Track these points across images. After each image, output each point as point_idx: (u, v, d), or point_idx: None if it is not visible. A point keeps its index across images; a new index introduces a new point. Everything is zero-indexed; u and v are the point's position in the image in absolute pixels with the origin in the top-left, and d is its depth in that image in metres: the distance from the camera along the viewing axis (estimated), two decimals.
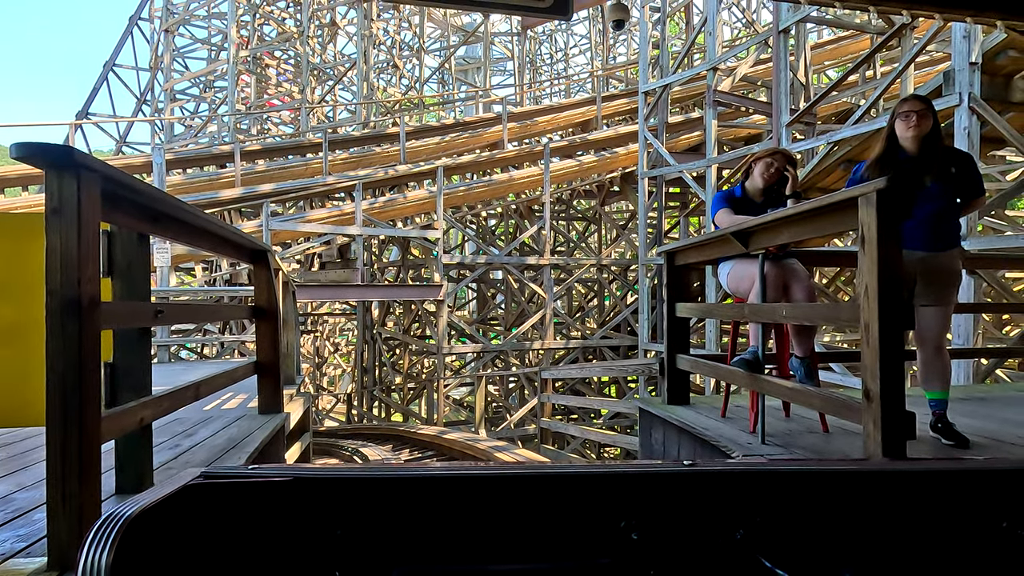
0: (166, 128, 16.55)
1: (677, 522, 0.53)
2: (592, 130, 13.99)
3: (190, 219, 2.18)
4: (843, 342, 11.00)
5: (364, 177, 10.76)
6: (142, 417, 1.83)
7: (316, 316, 15.52)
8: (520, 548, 0.52)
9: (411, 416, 12.33)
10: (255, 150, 12.73)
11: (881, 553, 0.52)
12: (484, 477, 0.52)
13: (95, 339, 1.44)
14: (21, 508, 1.93)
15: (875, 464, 0.54)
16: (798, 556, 0.52)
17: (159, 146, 11.00)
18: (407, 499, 0.52)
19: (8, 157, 9.27)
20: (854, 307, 1.84)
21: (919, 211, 2.13)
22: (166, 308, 2.01)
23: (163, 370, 6.46)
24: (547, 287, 10.62)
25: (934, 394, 2.45)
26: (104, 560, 0.39)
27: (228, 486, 0.50)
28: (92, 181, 1.40)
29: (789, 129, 7.15)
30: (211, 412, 3.66)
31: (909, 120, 2.30)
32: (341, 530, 0.51)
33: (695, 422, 3.03)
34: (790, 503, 0.53)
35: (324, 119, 17.95)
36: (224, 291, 8.99)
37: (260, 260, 3.33)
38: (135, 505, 0.43)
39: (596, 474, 0.53)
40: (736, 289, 2.89)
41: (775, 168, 2.77)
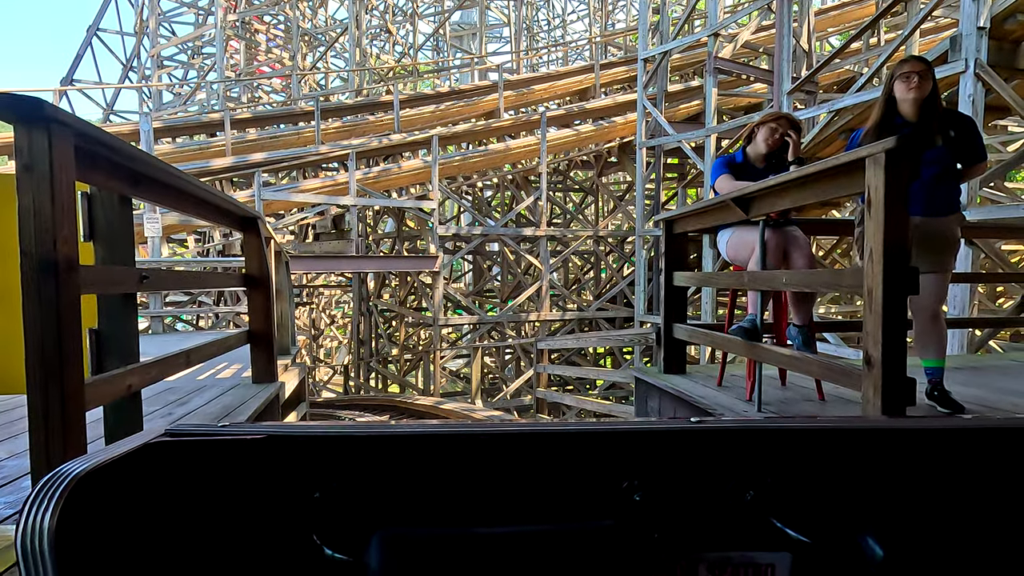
0: (154, 96, 16.13)
1: (683, 483, 0.49)
2: (590, 99, 13.73)
3: (174, 182, 2.11)
4: (838, 313, 11.04)
5: (358, 146, 10.55)
6: (130, 384, 1.80)
7: (311, 288, 15.44)
8: (513, 510, 0.48)
9: (408, 387, 12.40)
10: (246, 118, 12.45)
11: (901, 515, 0.49)
12: (475, 435, 0.48)
13: (74, 303, 1.39)
14: (10, 475, 1.91)
15: (894, 421, 0.50)
16: (814, 518, 0.49)
17: (147, 114, 10.75)
18: (391, 458, 0.48)
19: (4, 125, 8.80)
20: (857, 273, 1.80)
21: (921, 175, 2.08)
22: (151, 274, 1.95)
23: (157, 340, 6.43)
24: (543, 259, 10.56)
25: (930, 362, 2.44)
26: (47, 521, 0.35)
27: (195, 444, 0.46)
28: (64, 136, 1.33)
29: (790, 97, 7.01)
30: (205, 381, 3.64)
31: (910, 81, 2.22)
32: (319, 492, 0.47)
33: (691, 391, 3.03)
34: (804, 462, 0.50)
35: (316, 87, 17.55)
36: (217, 262, 8.90)
37: (251, 228, 3.25)
38: (86, 463, 0.39)
39: (596, 432, 0.49)
40: (735, 257, 2.85)
41: (779, 133, 2.70)
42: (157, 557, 0.43)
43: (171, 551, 0.44)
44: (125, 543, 0.41)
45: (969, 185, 4.51)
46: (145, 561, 0.42)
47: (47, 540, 0.35)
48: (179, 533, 0.45)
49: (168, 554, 0.44)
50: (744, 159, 2.80)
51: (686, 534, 0.50)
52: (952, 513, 0.50)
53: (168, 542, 0.44)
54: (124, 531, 0.41)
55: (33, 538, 0.35)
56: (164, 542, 0.44)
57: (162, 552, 0.44)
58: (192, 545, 0.45)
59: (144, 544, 0.43)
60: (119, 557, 0.40)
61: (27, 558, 0.35)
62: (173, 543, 0.44)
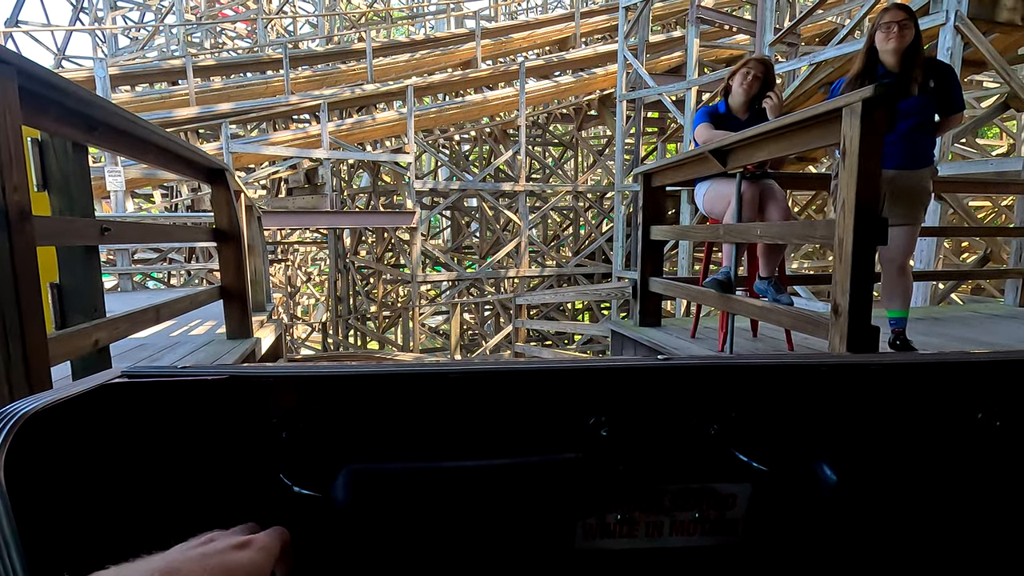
0: (108, 40, 15.15)
1: (649, 418, 0.50)
2: (570, 48, 13.35)
3: (133, 129, 2.00)
4: (810, 269, 11.30)
5: (329, 97, 10.15)
6: (96, 339, 1.76)
7: (286, 245, 15.14)
8: (481, 447, 0.49)
9: (387, 344, 12.44)
10: (209, 65, 11.82)
11: (855, 445, 0.50)
12: (443, 373, 0.48)
13: (29, 254, 1.33)
14: None
15: (854, 357, 0.51)
16: (773, 449, 0.50)
17: (102, 60, 10.12)
18: (358, 398, 0.48)
19: None
20: (829, 224, 1.82)
21: (896, 127, 2.09)
22: (113, 226, 1.88)
23: (125, 297, 6.28)
24: (522, 215, 10.48)
25: (895, 312, 2.52)
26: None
27: (153, 385, 0.45)
28: (6, 74, 1.24)
29: (772, 49, 6.91)
30: (178, 338, 3.58)
31: (891, 31, 2.19)
32: (285, 432, 0.47)
33: (665, 342, 3.09)
34: (766, 397, 0.51)
35: (284, 33, 16.68)
36: (186, 217, 8.63)
37: (218, 180, 3.14)
38: (35, 402, 0.37)
39: (564, 369, 0.49)
40: (712, 210, 2.86)
41: (752, 75, 2.67)
42: (119, 497, 0.43)
43: (133, 491, 0.43)
44: (84, 483, 0.40)
45: (941, 140, 4.55)
46: (106, 500, 0.42)
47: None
48: (141, 474, 0.44)
49: (130, 494, 0.43)
50: (727, 110, 2.77)
51: (651, 467, 0.51)
52: (901, 442, 0.52)
53: (130, 483, 0.43)
54: (83, 471, 0.40)
55: None
56: (125, 482, 0.43)
57: (124, 492, 0.43)
58: (156, 486, 0.45)
59: (105, 484, 0.42)
60: (77, 499, 0.40)
61: None
62: (135, 484, 0.44)
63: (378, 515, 0.44)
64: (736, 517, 0.53)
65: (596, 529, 0.52)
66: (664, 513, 0.53)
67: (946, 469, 0.51)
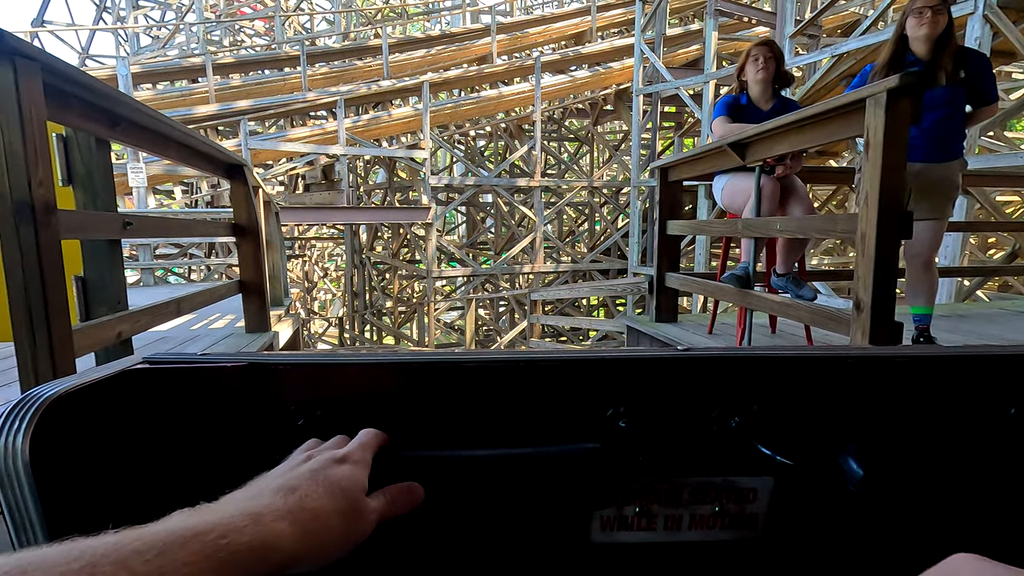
0: (130, 39, 15.41)
1: (669, 410, 0.49)
2: (586, 43, 13.26)
3: (154, 125, 2.03)
4: (830, 265, 11.11)
5: (346, 93, 10.21)
6: (120, 331, 1.79)
7: (303, 240, 15.30)
8: (499, 437, 0.48)
9: (402, 339, 12.51)
10: (228, 63, 11.97)
11: (883, 439, 0.49)
12: (460, 363, 0.48)
13: (55, 248, 1.36)
14: None
15: (881, 349, 0.50)
16: (797, 442, 0.49)
17: (124, 58, 10.30)
18: (376, 386, 0.48)
19: None
20: (851, 218, 1.78)
21: (923, 118, 2.03)
22: (135, 220, 1.91)
23: (147, 291, 6.40)
24: (537, 210, 10.45)
25: (919, 309, 2.46)
26: (19, 442, 0.34)
27: (174, 372, 0.45)
28: (31, 70, 1.27)
29: (792, 41, 6.79)
30: (198, 331, 3.64)
31: (923, 17, 2.12)
32: (303, 420, 0.47)
33: (682, 338, 3.06)
34: (789, 389, 0.50)
35: (301, 30, 16.81)
36: (206, 212, 8.76)
37: (237, 175, 3.18)
38: (58, 387, 0.38)
39: (582, 360, 0.49)
40: (731, 205, 2.82)
41: (762, 60, 2.60)
42: (139, 481, 0.43)
43: (152, 475, 0.44)
44: (106, 468, 0.41)
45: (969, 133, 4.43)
46: (127, 485, 0.42)
47: (20, 459, 0.34)
48: (161, 459, 0.45)
49: (150, 477, 0.44)
50: (748, 101, 2.71)
51: (670, 459, 0.51)
52: (930, 436, 0.50)
53: (149, 467, 0.44)
54: (104, 456, 0.41)
55: (6, 458, 0.34)
56: (145, 466, 0.44)
57: (144, 475, 0.43)
58: (174, 470, 0.45)
59: (126, 469, 0.42)
60: (100, 481, 0.40)
61: (1, 478, 0.35)
62: (155, 468, 0.44)
63: None
64: (757, 512, 0.52)
65: (614, 522, 0.52)
66: (683, 506, 0.52)
67: (977, 465, 0.50)
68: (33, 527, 0.35)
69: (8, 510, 0.35)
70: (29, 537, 0.35)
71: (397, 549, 0.49)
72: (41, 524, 0.35)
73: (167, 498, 0.44)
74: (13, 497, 0.34)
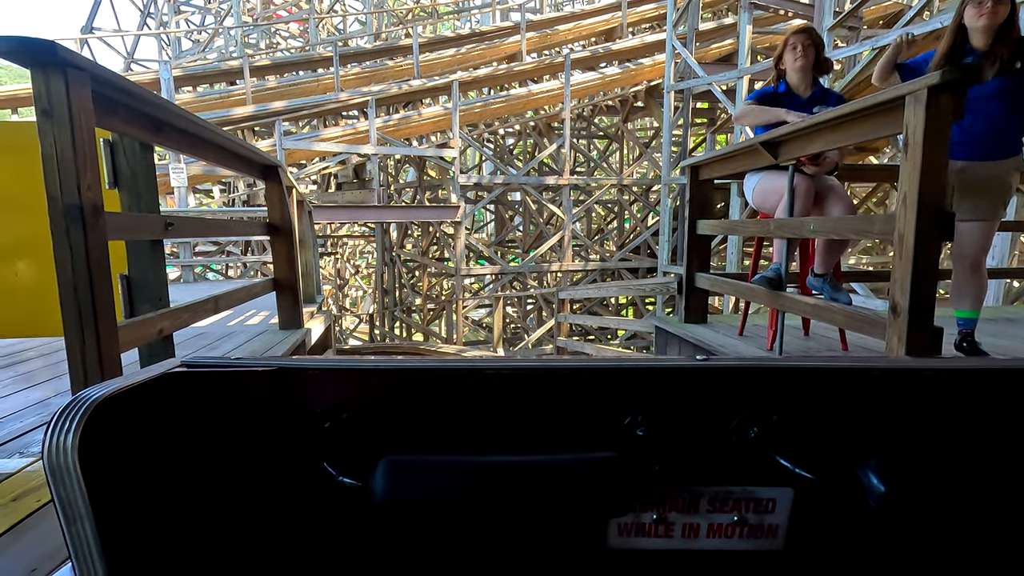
0: (173, 43, 15.97)
1: (686, 419, 0.50)
2: (617, 39, 13.12)
3: (195, 129, 2.11)
4: (868, 264, 10.75)
5: (377, 93, 10.36)
6: (161, 328, 1.87)
7: (335, 238, 15.60)
8: (516, 443, 0.49)
9: (431, 336, 12.64)
10: (264, 65, 12.27)
11: (908, 454, 0.48)
12: (480, 370, 0.49)
13: (102, 248, 1.43)
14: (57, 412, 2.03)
15: (909, 361, 0.49)
16: (817, 455, 0.49)
17: (166, 62, 10.67)
18: (399, 392, 0.49)
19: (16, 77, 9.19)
20: (889, 219, 1.73)
21: (972, 113, 1.93)
22: (176, 221, 1.98)
23: (188, 288, 6.63)
24: (566, 208, 10.41)
25: (964, 313, 2.37)
26: (69, 441, 0.37)
27: (209, 375, 0.48)
28: (81, 80, 1.33)
29: (831, 34, 6.58)
30: (234, 327, 3.76)
31: (983, 6, 2.00)
32: (329, 422, 0.49)
33: (712, 340, 3.02)
34: (810, 401, 0.49)
35: (334, 31, 17.12)
36: (242, 211, 9.02)
37: (271, 176, 3.27)
38: (105, 389, 0.41)
39: (599, 368, 0.49)
40: (763, 204, 2.76)
41: (800, 47, 2.52)
42: (177, 478, 0.46)
43: (189, 473, 0.46)
44: (147, 465, 0.44)
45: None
46: (166, 481, 0.45)
47: (71, 457, 0.37)
48: (197, 457, 0.47)
49: (187, 476, 0.46)
50: (786, 88, 2.62)
51: (688, 469, 0.51)
52: (959, 453, 0.49)
53: (187, 465, 0.46)
54: (145, 454, 0.43)
55: (59, 455, 0.37)
56: (183, 465, 0.46)
57: (181, 474, 0.46)
58: (209, 469, 0.48)
59: (165, 466, 0.45)
60: (141, 477, 0.43)
61: (54, 472, 0.37)
62: (191, 466, 0.47)
63: (414, 506, 0.46)
64: (776, 522, 0.52)
65: (631, 528, 0.52)
66: (701, 515, 0.52)
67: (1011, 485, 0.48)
68: (82, 520, 0.38)
69: (60, 504, 0.38)
70: (79, 530, 0.38)
71: (421, 549, 0.50)
72: (89, 518, 0.38)
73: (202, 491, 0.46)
74: (65, 492, 0.37)
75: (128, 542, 0.40)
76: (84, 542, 0.37)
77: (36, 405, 2.11)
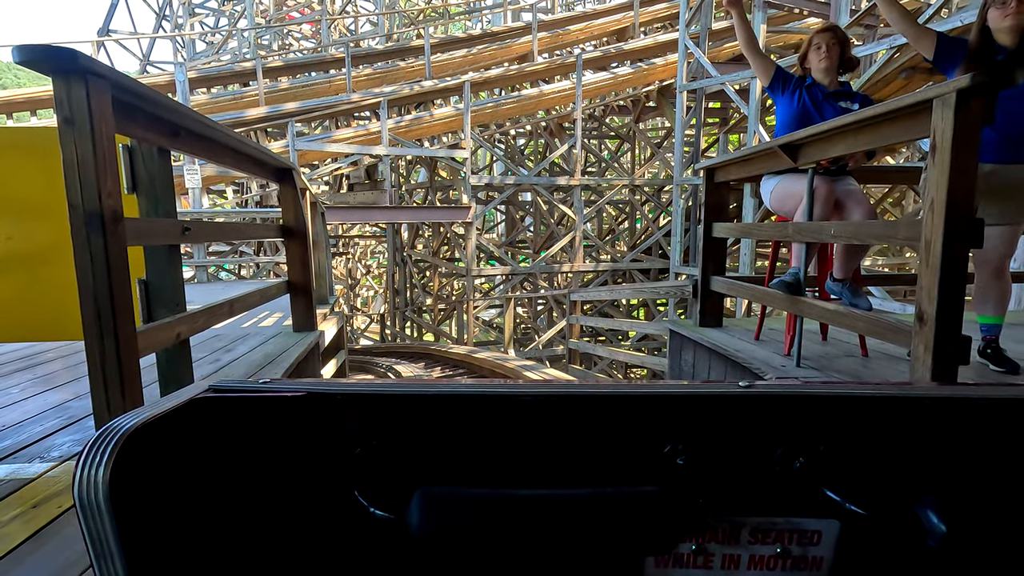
0: (187, 45, 16.14)
1: (728, 448, 0.48)
2: (628, 39, 13.06)
3: (211, 134, 2.12)
4: (884, 266, 10.60)
5: (389, 94, 10.40)
6: (178, 332, 1.87)
7: (347, 239, 15.68)
8: (552, 472, 0.48)
9: (442, 336, 12.66)
10: (277, 67, 12.37)
11: (970, 490, 0.46)
12: (515, 396, 0.47)
13: (122, 254, 1.43)
14: (76, 415, 2.05)
15: (966, 390, 0.47)
16: (868, 488, 0.47)
17: (181, 64, 10.77)
18: (430, 418, 0.48)
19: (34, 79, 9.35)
20: (914, 224, 1.69)
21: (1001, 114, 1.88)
22: (193, 225, 1.99)
23: (202, 289, 6.68)
24: (577, 209, 10.38)
25: (987, 319, 2.31)
26: (100, 475, 0.36)
27: (237, 400, 0.47)
28: (101, 88, 1.34)
29: (847, 32, 6.49)
30: (248, 329, 3.78)
31: (1007, 7, 1.96)
32: (359, 448, 0.48)
33: (727, 344, 2.98)
34: (860, 431, 0.47)
35: (346, 32, 17.20)
36: (255, 212, 9.09)
37: (286, 179, 3.28)
38: (135, 418, 0.40)
39: (638, 395, 0.48)
40: (780, 208, 2.72)
41: (824, 47, 2.49)
42: (204, 506, 0.45)
43: (217, 501, 0.45)
44: (175, 494, 0.43)
45: None
46: (194, 511, 0.44)
47: (102, 491, 0.36)
48: (225, 484, 0.46)
49: (214, 503, 0.45)
50: (813, 81, 2.60)
51: (730, 498, 0.49)
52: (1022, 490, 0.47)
53: (214, 492, 0.45)
54: (174, 482, 0.42)
55: (89, 490, 0.36)
56: (211, 492, 0.45)
57: (209, 501, 0.45)
58: (238, 496, 0.46)
59: (192, 495, 0.44)
60: (170, 507, 0.42)
61: (84, 508, 0.36)
62: (219, 493, 0.46)
63: (450, 540, 0.45)
64: (821, 555, 0.50)
65: (668, 560, 0.51)
66: (742, 546, 0.50)
67: None
68: (112, 556, 0.37)
69: (91, 540, 0.37)
70: (108, 566, 0.37)
71: None
72: (119, 552, 0.37)
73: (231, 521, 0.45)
74: (95, 527, 0.36)
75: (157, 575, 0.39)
76: None
77: (55, 408, 2.13)
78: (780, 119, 2.70)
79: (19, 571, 1.06)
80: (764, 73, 2.70)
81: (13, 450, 1.68)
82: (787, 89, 2.62)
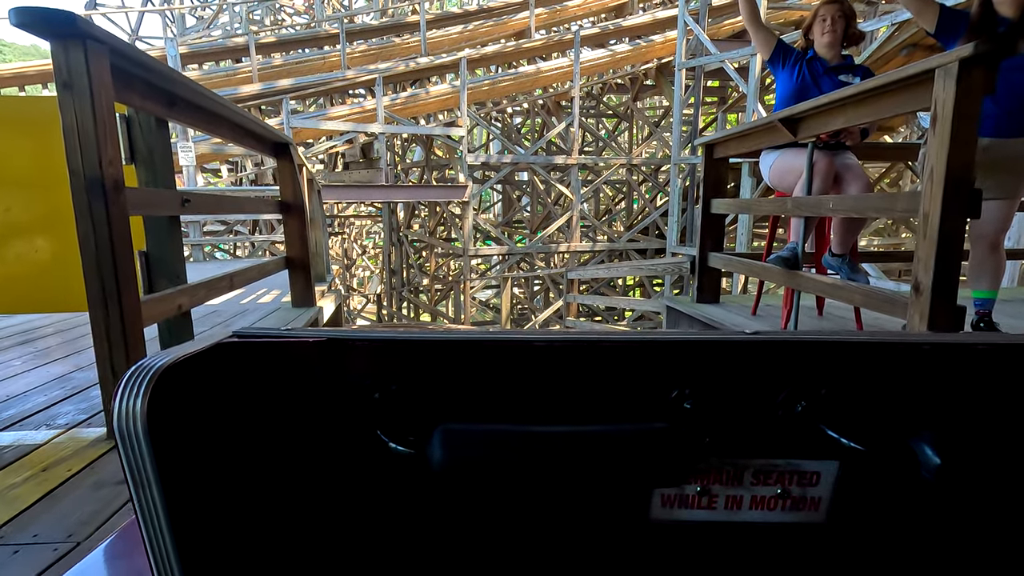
0: (177, 20, 15.80)
1: (733, 393, 0.49)
2: (627, 15, 12.87)
3: (209, 105, 2.10)
4: (880, 246, 10.65)
5: (384, 71, 10.24)
6: (180, 304, 1.88)
7: (342, 218, 15.58)
8: (563, 414, 0.50)
9: (439, 316, 12.69)
10: (270, 43, 12.15)
11: (964, 428, 0.48)
12: (528, 343, 0.49)
13: (124, 223, 1.43)
14: (79, 386, 2.06)
15: (961, 337, 0.48)
16: (866, 427, 0.48)
17: (172, 39, 10.57)
18: (446, 363, 0.50)
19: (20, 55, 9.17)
20: (913, 196, 1.70)
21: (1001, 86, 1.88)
22: (192, 197, 1.98)
23: (198, 267, 6.66)
24: (574, 188, 10.33)
25: (981, 293, 2.34)
26: (139, 405, 0.37)
27: (261, 346, 0.48)
28: (100, 52, 1.32)
29: None
30: (247, 305, 3.78)
31: None
32: (379, 393, 0.49)
33: (725, 319, 3.01)
34: (860, 375, 0.49)
35: (340, 7, 16.87)
36: (250, 191, 9.01)
37: (283, 154, 3.25)
38: (165, 357, 0.41)
39: (648, 341, 0.49)
40: (779, 183, 2.72)
41: (829, 20, 2.47)
42: (233, 442, 0.46)
43: (244, 438, 0.47)
44: (205, 430, 0.44)
45: None
46: (222, 446, 0.45)
47: (140, 422, 0.37)
48: (251, 423, 0.48)
49: (242, 440, 0.47)
50: (814, 54, 2.58)
51: (733, 441, 0.51)
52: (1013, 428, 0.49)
53: (241, 429, 0.47)
54: (204, 420, 0.44)
55: (128, 420, 0.37)
56: (238, 429, 0.47)
57: (237, 438, 0.47)
58: (263, 437, 0.48)
59: (221, 432, 0.45)
60: (201, 442, 0.43)
61: (123, 438, 0.38)
62: (246, 430, 0.47)
63: (469, 473, 0.46)
64: (820, 495, 0.52)
65: (674, 500, 0.53)
66: (744, 487, 0.52)
67: None
68: (150, 484, 0.38)
69: (129, 469, 0.38)
70: (146, 494, 0.38)
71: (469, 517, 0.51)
72: (157, 481, 0.38)
73: (257, 458, 0.47)
74: (134, 456, 0.38)
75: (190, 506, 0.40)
76: (151, 505, 0.38)
77: (58, 379, 2.14)
78: (780, 93, 2.69)
79: (34, 527, 1.08)
80: (765, 46, 2.68)
81: (19, 418, 1.70)
82: (787, 63, 2.61)
